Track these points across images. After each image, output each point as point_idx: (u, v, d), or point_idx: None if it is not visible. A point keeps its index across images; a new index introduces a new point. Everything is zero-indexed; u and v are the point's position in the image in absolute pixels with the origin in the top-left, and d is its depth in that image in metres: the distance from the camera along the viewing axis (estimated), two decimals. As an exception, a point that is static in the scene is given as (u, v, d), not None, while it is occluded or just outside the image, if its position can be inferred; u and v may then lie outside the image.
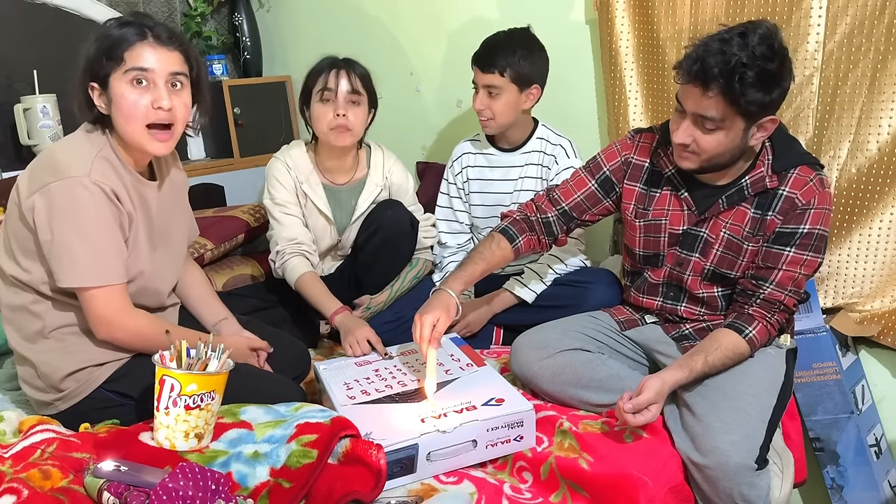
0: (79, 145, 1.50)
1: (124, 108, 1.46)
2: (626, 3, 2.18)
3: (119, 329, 1.51)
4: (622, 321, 1.84)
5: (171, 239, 1.68)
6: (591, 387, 1.66)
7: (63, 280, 1.45)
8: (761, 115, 1.50)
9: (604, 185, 1.79)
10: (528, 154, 2.15)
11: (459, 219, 2.27)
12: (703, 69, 1.46)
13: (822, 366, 1.96)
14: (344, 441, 1.36)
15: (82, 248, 1.44)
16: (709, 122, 1.50)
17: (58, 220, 1.43)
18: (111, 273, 1.48)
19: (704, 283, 1.71)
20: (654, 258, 1.76)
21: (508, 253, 1.77)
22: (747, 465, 1.45)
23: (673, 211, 1.71)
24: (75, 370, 1.53)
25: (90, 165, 1.45)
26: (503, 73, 2.00)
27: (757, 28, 1.46)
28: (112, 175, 1.48)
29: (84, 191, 1.42)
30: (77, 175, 1.43)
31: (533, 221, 1.81)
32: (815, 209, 1.57)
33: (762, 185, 1.60)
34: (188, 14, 2.85)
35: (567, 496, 1.44)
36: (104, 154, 1.49)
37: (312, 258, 2.09)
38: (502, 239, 1.78)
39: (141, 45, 1.45)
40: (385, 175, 2.18)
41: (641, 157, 1.76)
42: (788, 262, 1.59)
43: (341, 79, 2.01)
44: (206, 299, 1.81)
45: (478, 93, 2.07)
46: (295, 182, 2.10)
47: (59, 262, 1.45)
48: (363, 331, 1.86)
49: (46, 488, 1.22)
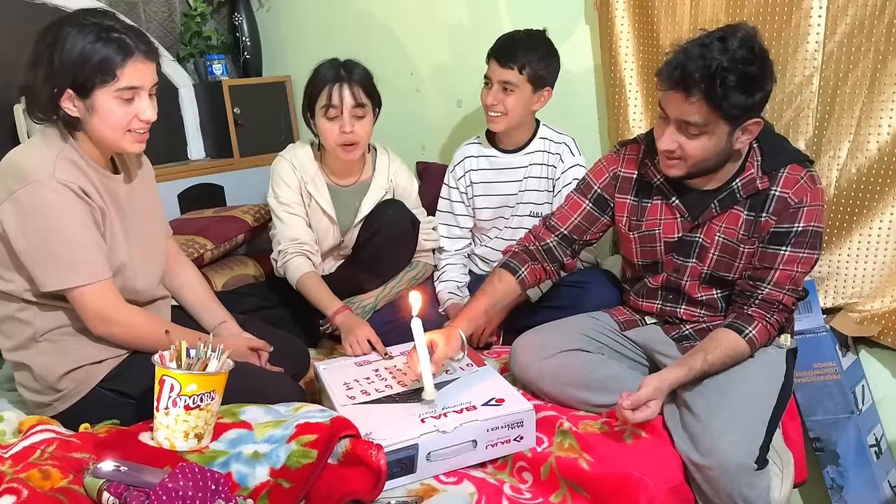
0: (38, 148, 1.48)
1: (111, 121, 1.47)
2: (626, 3, 2.18)
3: (115, 324, 1.51)
4: (622, 321, 1.84)
5: (147, 229, 1.66)
6: (591, 387, 1.66)
7: (48, 284, 1.45)
8: (745, 118, 1.50)
9: (598, 203, 1.79)
10: (532, 154, 2.15)
11: (460, 223, 2.26)
12: (684, 75, 1.46)
13: (822, 366, 1.96)
14: (344, 441, 1.36)
15: (61, 248, 1.43)
16: (693, 128, 1.50)
17: (31, 225, 1.42)
18: (96, 269, 1.47)
19: (703, 287, 1.71)
20: (654, 266, 1.76)
21: (512, 286, 1.76)
22: (747, 466, 1.45)
23: (665, 220, 1.71)
24: (72, 369, 1.52)
25: (52, 166, 1.44)
26: (521, 71, 2.01)
27: (736, 31, 1.46)
28: (76, 173, 1.47)
29: (51, 192, 1.42)
30: (41, 178, 1.42)
31: (533, 251, 1.80)
32: (807, 207, 1.57)
33: (753, 188, 1.60)
34: (188, 14, 2.85)
35: (567, 496, 1.44)
36: (65, 154, 1.48)
37: (314, 258, 2.09)
38: (504, 272, 1.77)
39: (133, 63, 1.45)
40: (390, 178, 2.18)
41: (629, 169, 1.76)
42: (785, 261, 1.59)
43: (345, 93, 1.99)
44: (206, 303, 1.81)
45: (490, 87, 2.06)
46: (300, 182, 2.10)
47: (40, 266, 1.44)
48: (364, 330, 1.86)
49: (46, 488, 1.22)
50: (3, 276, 1.50)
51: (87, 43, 1.42)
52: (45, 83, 1.44)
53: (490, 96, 2.06)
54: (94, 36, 1.42)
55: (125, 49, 1.44)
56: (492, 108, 2.07)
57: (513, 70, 2.01)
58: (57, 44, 1.42)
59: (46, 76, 1.44)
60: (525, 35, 2.07)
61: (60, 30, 1.43)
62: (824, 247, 2.01)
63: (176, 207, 2.57)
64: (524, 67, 2.01)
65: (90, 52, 1.42)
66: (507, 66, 2.02)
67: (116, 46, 1.43)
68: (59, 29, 1.43)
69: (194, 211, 2.54)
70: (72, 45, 1.42)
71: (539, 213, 2.14)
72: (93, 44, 1.42)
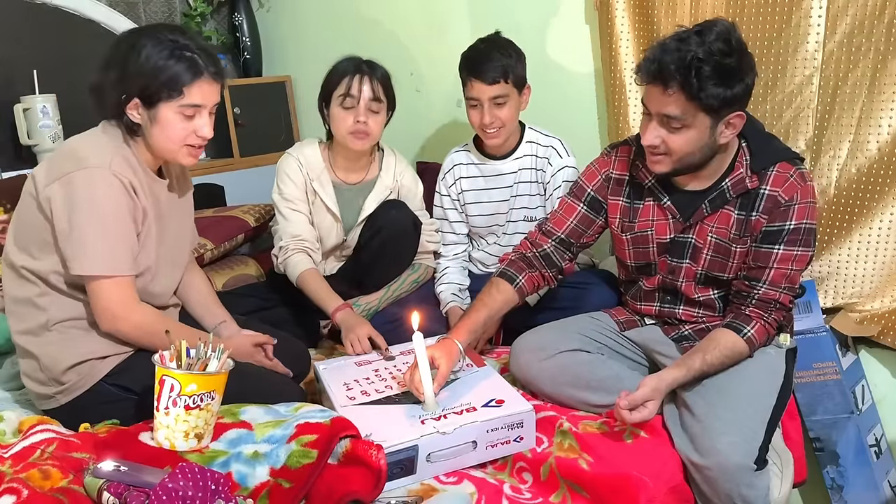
0: (98, 140, 1.55)
1: (170, 133, 1.52)
2: (626, 3, 2.18)
3: (123, 321, 1.52)
4: (622, 322, 1.84)
5: (178, 239, 1.71)
6: (590, 387, 1.66)
7: (75, 267, 1.48)
8: (725, 110, 1.50)
9: (592, 206, 1.80)
10: (521, 159, 2.14)
11: (455, 230, 2.26)
12: (660, 67, 1.48)
13: (822, 366, 1.96)
14: (344, 441, 1.36)
15: (96, 236, 1.47)
16: (674, 122, 1.51)
17: (76, 208, 1.46)
18: (122, 264, 1.51)
19: (699, 287, 1.71)
20: (647, 268, 1.76)
21: (510, 294, 1.75)
22: (746, 466, 1.45)
23: (658, 221, 1.71)
24: (77, 362, 1.54)
25: (110, 158, 1.49)
26: (507, 80, 1.99)
27: (714, 26, 1.49)
28: (129, 170, 1.52)
29: (104, 181, 1.47)
30: (98, 165, 1.47)
31: (530, 258, 1.79)
32: (798, 204, 1.57)
33: (743, 187, 1.60)
34: (188, 14, 2.85)
35: (567, 496, 1.44)
36: (122, 152, 1.53)
37: (315, 256, 2.09)
38: (501, 282, 1.76)
39: (199, 83, 1.51)
40: (396, 178, 2.18)
41: (620, 170, 1.76)
42: (779, 259, 1.59)
43: (364, 85, 2.00)
44: (208, 303, 1.82)
45: (480, 107, 2.02)
46: (305, 179, 2.10)
47: (74, 249, 1.48)
48: (364, 328, 1.86)
49: (46, 488, 1.22)
50: (34, 255, 1.53)
51: (161, 58, 1.48)
52: (114, 87, 1.50)
53: (485, 116, 2.02)
54: (168, 52, 1.48)
55: (195, 69, 1.50)
56: (490, 126, 2.03)
57: (500, 83, 1.98)
58: (132, 53, 1.48)
59: (117, 81, 1.50)
60: (492, 44, 2.03)
61: (138, 40, 1.49)
62: (824, 247, 2.01)
63: (176, 207, 2.57)
64: (508, 76, 1.98)
65: (162, 67, 1.48)
66: (493, 83, 1.98)
67: (188, 65, 1.49)
68: (137, 39, 1.50)
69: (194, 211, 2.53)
70: (146, 57, 1.47)
71: (533, 217, 2.14)
72: (166, 60, 1.48)
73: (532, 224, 2.13)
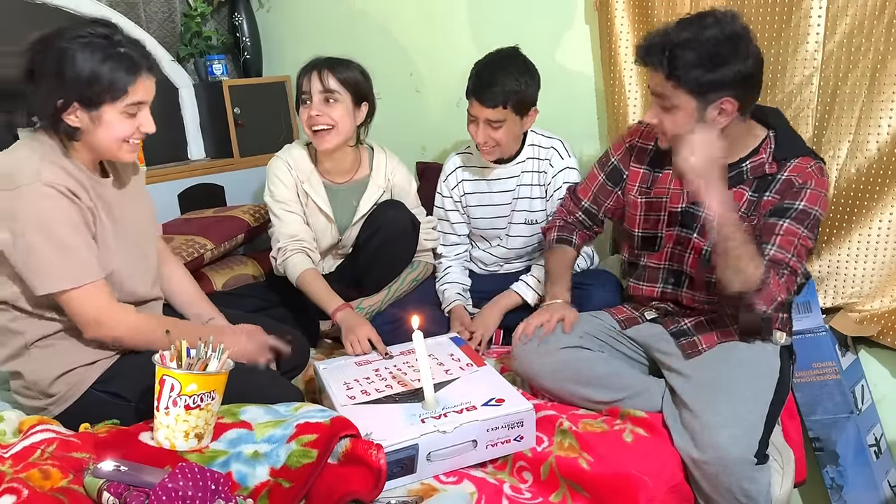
0: (19, 155, 1.48)
1: (115, 133, 1.49)
2: (625, 3, 2.18)
3: (108, 328, 1.50)
4: (622, 320, 1.84)
5: (139, 230, 1.66)
6: (591, 384, 1.66)
7: (39, 289, 1.45)
8: (712, 94, 1.52)
9: (612, 176, 1.87)
10: (523, 163, 2.13)
11: (457, 231, 2.25)
12: (648, 49, 1.55)
13: (821, 366, 1.96)
14: (344, 441, 1.37)
15: (51, 252, 1.43)
16: (665, 101, 1.56)
17: (21, 231, 1.42)
18: (86, 271, 1.47)
19: (704, 269, 1.70)
20: (653, 240, 1.78)
21: (573, 252, 1.94)
22: (747, 459, 1.45)
23: (674, 190, 1.74)
24: (63, 373, 1.53)
25: (37, 168, 1.43)
26: (505, 106, 1.95)
27: (714, 13, 1.54)
28: (63, 175, 1.47)
29: (38, 194, 1.42)
30: (27, 182, 1.42)
31: (571, 223, 1.97)
32: (811, 189, 1.59)
33: (762, 171, 1.64)
34: (188, 14, 2.85)
35: (567, 496, 1.44)
36: (51, 159, 1.47)
37: (314, 255, 2.09)
38: (561, 247, 1.93)
39: (140, 80, 1.48)
40: (387, 177, 2.18)
41: (647, 140, 1.81)
42: (785, 230, 1.57)
43: (313, 81, 2.00)
44: (193, 301, 1.80)
45: (477, 125, 2.01)
46: (296, 181, 2.10)
47: (33, 271, 1.44)
48: (364, 329, 1.86)
49: (46, 488, 1.22)
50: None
51: (97, 60, 1.43)
52: (48, 95, 1.44)
53: (480, 135, 2.01)
54: (102, 53, 1.43)
55: (134, 66, 1.46)
56: (483, 144, 2.03)
57: (496, 109, 1.95)
58: (65, 59, 1.42)
59: (52, 90, 1.43)
60: (499, 63, 1.98)
61: (65, 44, 1.42)
62: (824, 247, 2.01)
63: (176, 207, 2.57)
64: (507, 103, 1.94)
65: (101, 69, 1.43)
66: (489, 106, 1.95)
67: (127, 65, 1.45)
68: (63, 43, 1.43)
69: (194, 211, 2.54)
70: (82, 61, 1.42)
71: (534, 220, 2.14)
72: (102, 62, 1.43)
73: (532, 227, 2.15)
